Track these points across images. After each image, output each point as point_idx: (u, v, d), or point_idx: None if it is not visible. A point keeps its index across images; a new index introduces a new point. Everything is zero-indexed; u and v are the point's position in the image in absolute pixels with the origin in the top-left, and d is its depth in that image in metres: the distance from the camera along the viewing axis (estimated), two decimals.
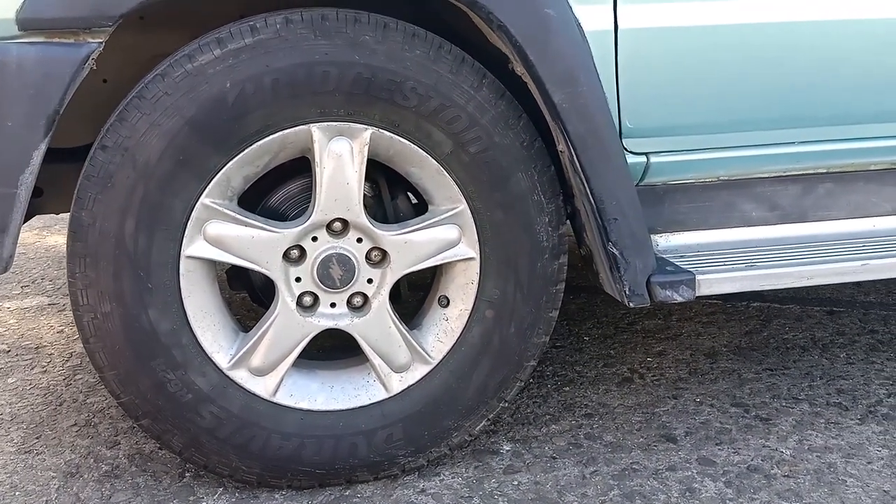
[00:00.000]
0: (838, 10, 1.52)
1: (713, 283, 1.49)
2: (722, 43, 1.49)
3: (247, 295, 1.63)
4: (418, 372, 1.54)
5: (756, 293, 2.41)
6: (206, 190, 1.39)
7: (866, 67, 1.57)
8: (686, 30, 1.47)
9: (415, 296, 1.70)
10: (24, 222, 1.39)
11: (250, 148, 1.39)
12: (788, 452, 1.67)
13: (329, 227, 1.46)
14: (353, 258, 1.47)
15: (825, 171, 1.67)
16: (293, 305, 1.48)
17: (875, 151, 1.67)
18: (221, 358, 1.47)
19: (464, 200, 1.47)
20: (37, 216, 2.63)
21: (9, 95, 1.29)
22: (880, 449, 1.67)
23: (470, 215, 1.48)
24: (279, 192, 1.52)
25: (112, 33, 1.32)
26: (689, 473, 1.60)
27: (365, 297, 1.51)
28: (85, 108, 1.58)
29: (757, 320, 2.29)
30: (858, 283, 2.50)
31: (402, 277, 1.51)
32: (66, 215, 1.69)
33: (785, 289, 1.89)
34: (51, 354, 2.18)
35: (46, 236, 3.23)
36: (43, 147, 1.32)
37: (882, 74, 1.58)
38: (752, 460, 1.64)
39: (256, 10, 1.42)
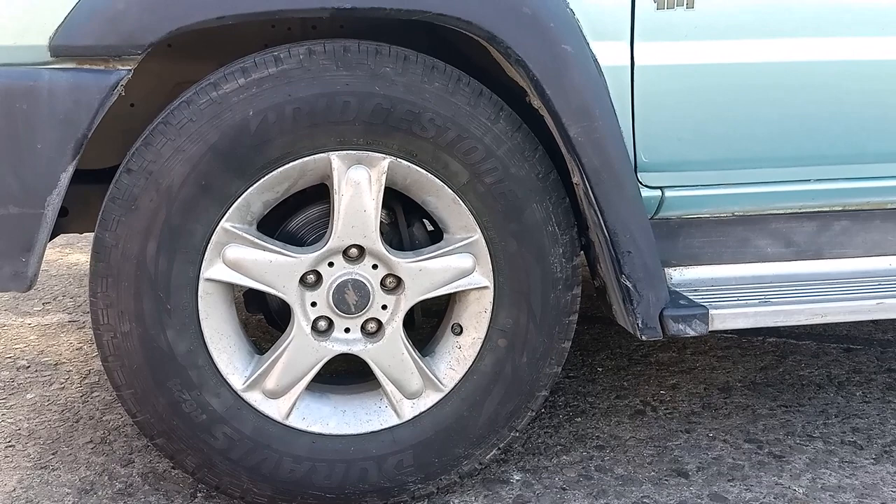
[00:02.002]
0: (854, 50, 1.53)
1: (726, 318, 1.49)
2: (737, 81, 1.51)
3: (263, 317, 1.65)
4: (430, 399, 1.55)
5: (772, 328, 2.39)
6: (227, 214, 1.42)
7: (883, 107, 1.58)
8: (701, 67, 1.49)
9: (428, 322, 1.71)
10: (49, 241, 1.42)
11: (271, 174, 1.41)
12: (801, 491, 1.65)
13: (345, 253, 1.49)
14: (368, 284, 1.49)
15: (841, 208, 1.68)
16: (308, 329, 1.50)
17: (892, 190, 1.67)
18: (236, 380, 1.49)
19: (479, 230, 1.49)
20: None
21: (40, 119, 1.33)
22: (895, 490, 1.65)
23: (484, 245, 1.50)
24: (297, 217, 1.55)
25: (140, 60, 1.36)
26: None
27: (379, 323, 1.53)
28: (112, 131, 1.62)
29: (772, 356, 2.27)
30: (876, 321, 2.47)
31: (416, 304, 1.53)
32: (89, 233, 1.73)
33: (801, 325, 1.88)
34: (69, 371, 2.21)
35: (69, 253, 3.29)
36: (70, 170, 1.36)
37: None
38: (764, 498, 1.63)
39: (280, 41, 1.46)
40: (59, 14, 1.33)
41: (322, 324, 1.51)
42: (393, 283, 1.52)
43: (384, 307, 1.52)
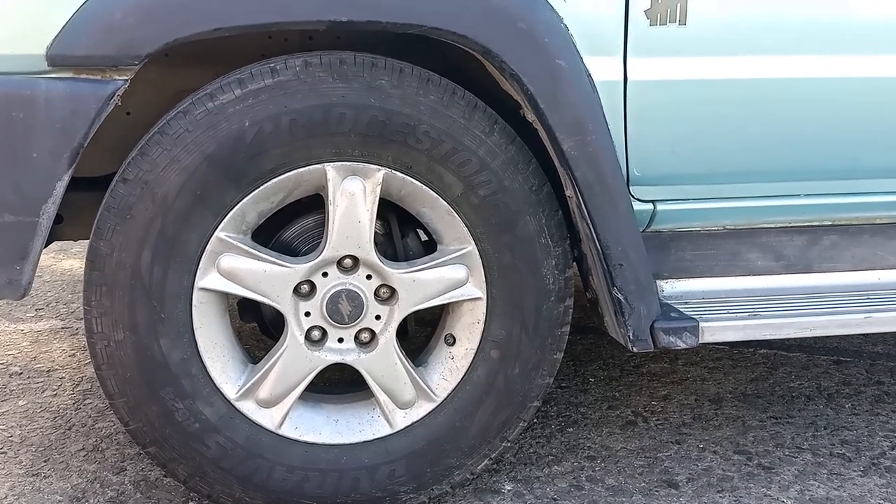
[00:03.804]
0: (844, 67, 1.55)
1: (716, 330, 1.50)
2: (728, 96, 1.52)
3: (257, 326, 1.65)
4: (423, 409, 1.56)
5: (763, 340, 2.41)
6: (222, 224, 1.42)
7: (871, 123, 1.60)
8: (694, 83, 1.51)
9: (422, 332, 1.72)
10: (44, 248, 1.43)
11: (266, 185, 1.42)
12: (790, 502, 1.66)
13: (339, 263, 1.49)
14: (361, 294, 1.50)
15: (831, 223, 1.69)
16: (302, 339, 1.51)
17: (880, 206, 1.69)
18: (229, 389, 1.50)
19: (472, 241, 1.50)
20: None
21: (36, 128, 1.34)
22: (882, 502, 1.66)
23: (478, 256, 1.51)
24: (292, 227, 1.55)
25: (137, 70, 1.37)
26: None
27: (372, 333, 1.53)
28: (108, 140, 1.62)
29: (763, 367, 2.29)
30: (866, 334, 2.49)
31: (409, 315, 1.54)
32: (84, 240, 1.73)
33: (791, 337, 1.90)
34: (62, 378, 2.21)
35: (62, 260, 3.28)
36: (66, 178, 1.36)
37: (887, 130, 1.61)
38: None
39: (278, 51, 1.47)
40: (56, 24, 1.33)
41: (316, 333, 1.52)
42: (387, 294, 1.52)
43: (378, 317, 1.52)
